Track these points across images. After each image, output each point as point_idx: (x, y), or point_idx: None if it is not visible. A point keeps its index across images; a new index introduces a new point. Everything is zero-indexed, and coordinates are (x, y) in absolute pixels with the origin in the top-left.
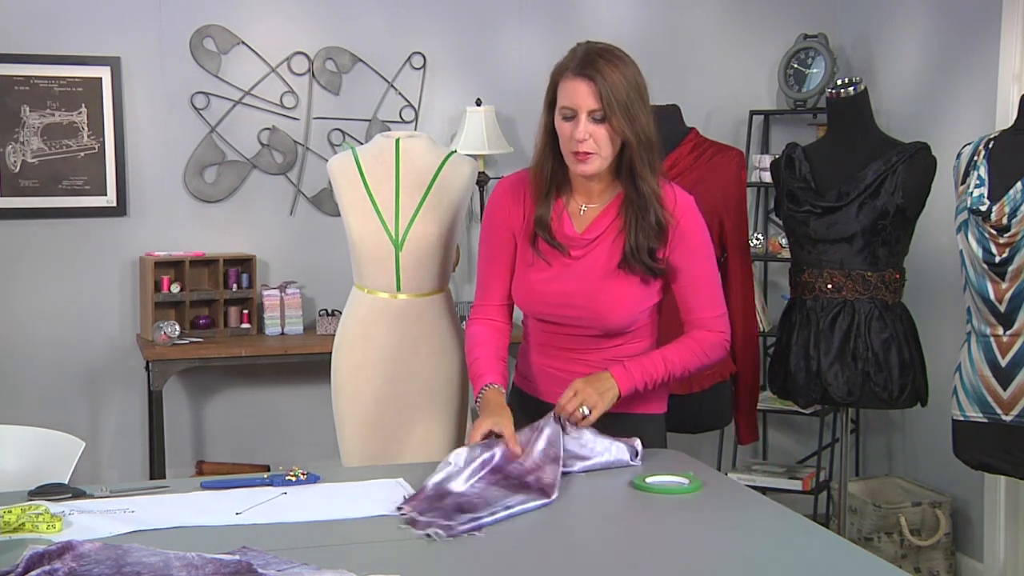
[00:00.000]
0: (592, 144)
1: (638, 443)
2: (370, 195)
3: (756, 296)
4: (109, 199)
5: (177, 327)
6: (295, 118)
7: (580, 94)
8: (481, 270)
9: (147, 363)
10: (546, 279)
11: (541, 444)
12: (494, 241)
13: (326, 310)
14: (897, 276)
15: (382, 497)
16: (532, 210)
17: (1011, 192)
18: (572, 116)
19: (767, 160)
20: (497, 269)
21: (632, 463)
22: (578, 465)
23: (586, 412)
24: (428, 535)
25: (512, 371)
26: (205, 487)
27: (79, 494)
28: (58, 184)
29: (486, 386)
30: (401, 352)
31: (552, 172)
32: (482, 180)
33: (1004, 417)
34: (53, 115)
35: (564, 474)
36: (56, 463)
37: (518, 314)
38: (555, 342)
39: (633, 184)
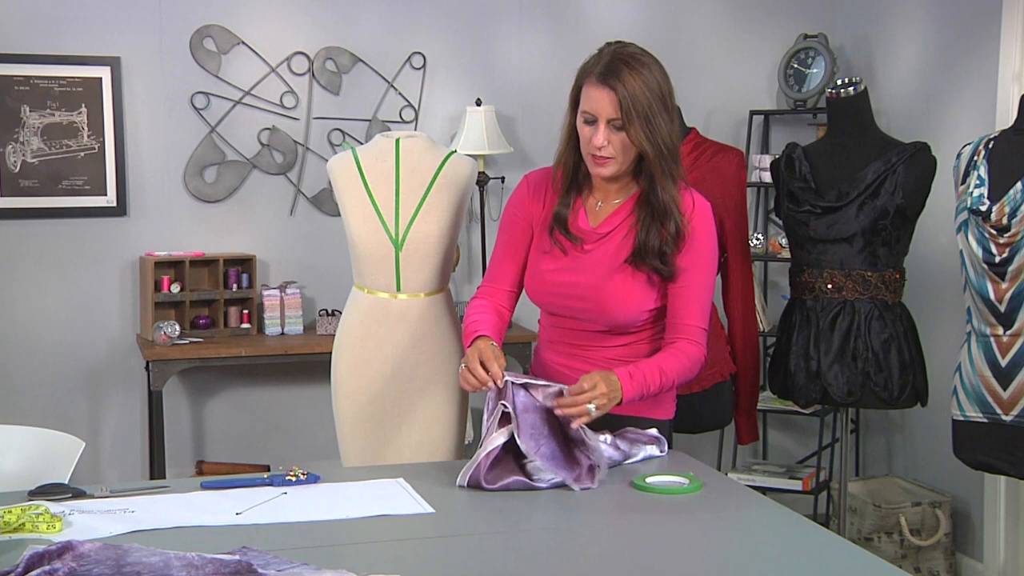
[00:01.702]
0: (610, 150)
1: (654, 431)
2: (370, 195)
3: (756, 296)
4: (109, 199)
5: (177, 327)
6: (295, 118)
7: (601, 102)
8: (493, 257)
9: (147, 363)
10: (556, 269)
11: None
12: (510, 230)
13: (326, 310)
14: (897, 276)
15: (382, 497)
16: (553, 203)
17: (1011, 192)
18: (593, 121)
19: (767, 160)
20: (509, 256)
21: (662, 454)
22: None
23: (592, 411)
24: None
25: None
26: (205, 487)
27: (79, 494)
28: (58, 184)
29: (478, 336)
30: (401, 352)
31: (574, 168)
32: (482, 180)
33: (1004, 417)
34: (53, 115)
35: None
36: (56, 463)
37: (523, 314)
38: (563, 338)
39: (653, 191)
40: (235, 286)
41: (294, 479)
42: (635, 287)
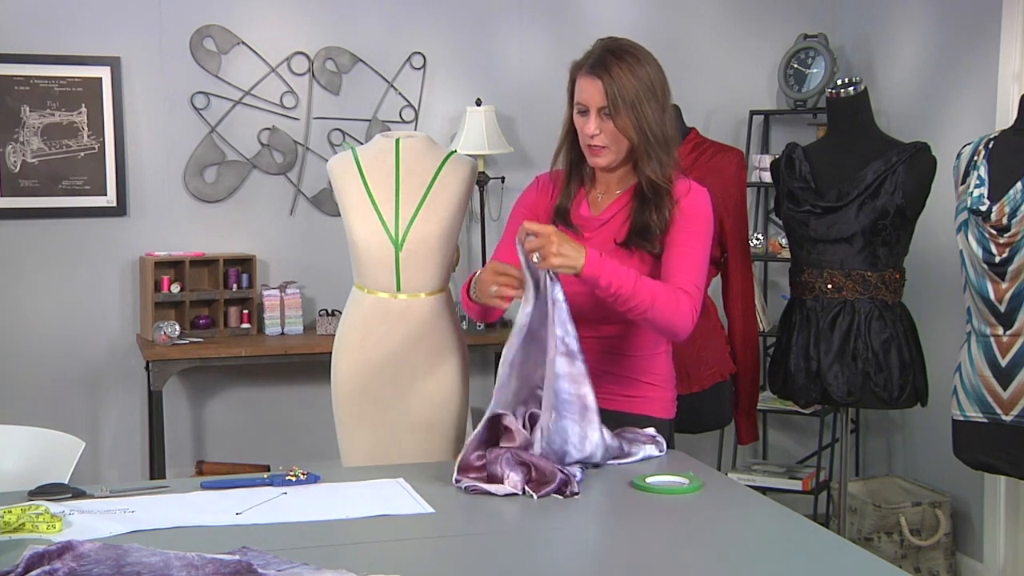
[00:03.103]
0: (603, 139)
1: (652, 431)
2: (370, 195)
3: (756, 296)
4: (109, 199)
5: (177, 327)
6: (295, 118)
7: (590, 91)
8: (496, 251)
9: (147, 363)
10: None
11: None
12: (514, 223)
13: (326, 310)
14: (897, 276)
15: (382, 497)
16: (556, 199)
17: (1011, 192)
18: (585, 111)
19: (767, 160)
20: (509, 245)
21: (660, 454)
22: (613, 461)
23: (536, 259)
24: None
25: None
26: (205, 487)
27: (79, 494)
28: (58, 184)
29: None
30: (401, 352)
31: (574, 162)
32: (482, 180)
33: (1004, 417)
34: (53, 115)
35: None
36: (56, 463)
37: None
38: None
39: (643, 179)
40: (235, 286)
41: (294, 479)
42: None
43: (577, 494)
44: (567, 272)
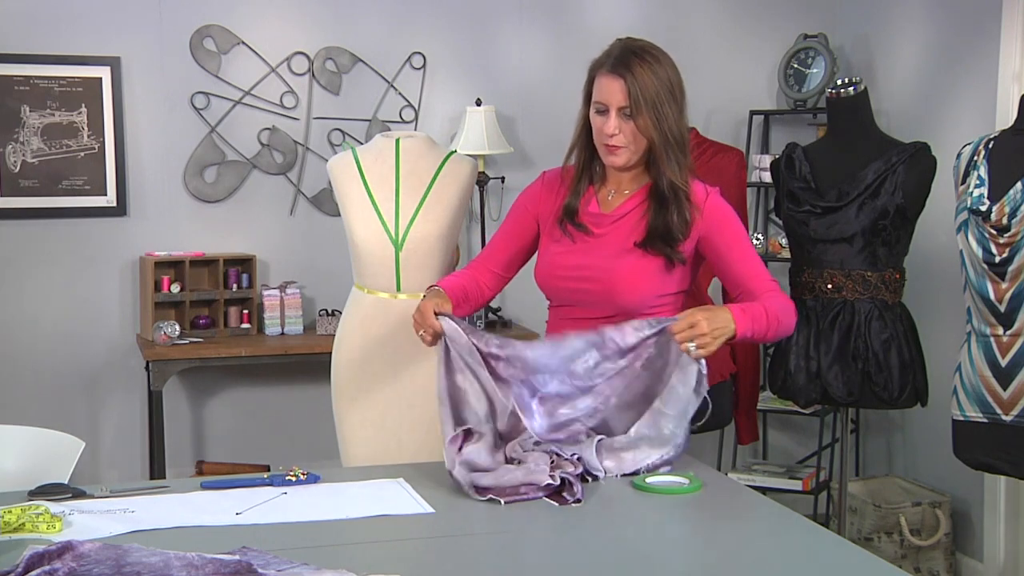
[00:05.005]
0: (621, 138)
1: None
2: (370, 195)
3: None
4: (109, 199)
5: (177, 327)
6: (295, 118)
7: (611, 91)
8: (490, 240)
9: (147, 363)
10: (566, 252)
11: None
12: (514, 217)
13: (326, 310)
14: (897, 276)
15: (382, 497)
16: (565, 197)
17: (1011, 192)
18: (604, 111)
19: (767, 160)
20: (505, 240)
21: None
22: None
23: (692, 349)
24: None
25: None
26: (205, 487)
27: (79, 494)
28: (58, 184)
29: (431, 288)
30: (401, 352)
31: (586, 161)
32: (482, 180)
33: (1004, 417)
34: (53, 115)
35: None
36: (56, 463)
37: (523, 313)
38: (571, 328)
39: (661, 180)
40: (235, 286)
41: (294, 479)
42: (646, 270)
43: (580, 501)
44: (722, 343)
